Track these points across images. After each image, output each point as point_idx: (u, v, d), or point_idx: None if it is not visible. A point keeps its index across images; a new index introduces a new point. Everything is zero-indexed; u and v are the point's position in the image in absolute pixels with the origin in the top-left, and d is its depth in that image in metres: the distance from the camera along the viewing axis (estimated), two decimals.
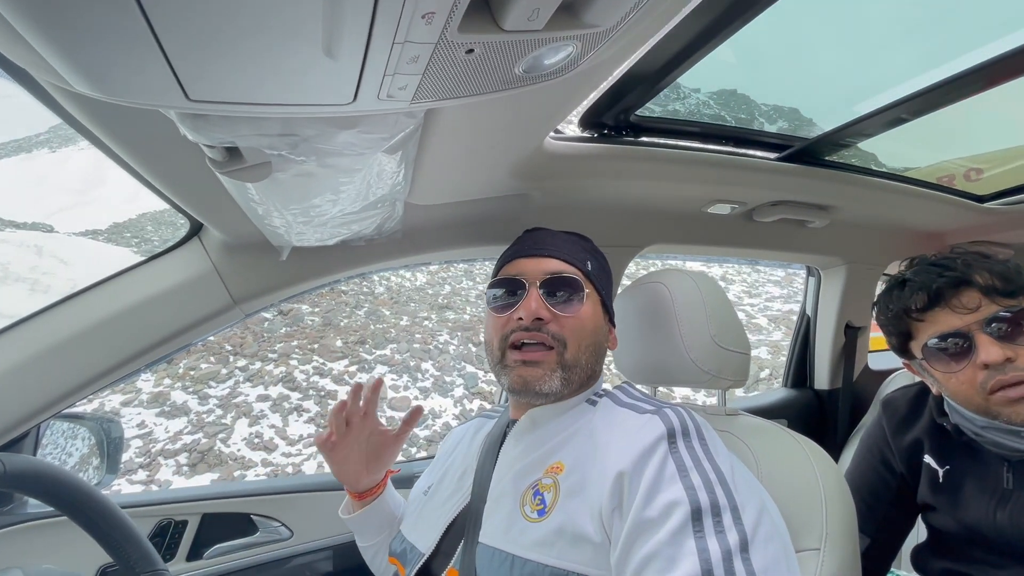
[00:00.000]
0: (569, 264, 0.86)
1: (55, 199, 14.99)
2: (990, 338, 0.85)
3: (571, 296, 0.83)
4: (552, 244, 0.89)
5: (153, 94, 0.38)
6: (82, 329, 0.96)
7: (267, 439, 8.17)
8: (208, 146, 0.54)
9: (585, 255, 0.90)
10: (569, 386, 0.82)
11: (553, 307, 0.82)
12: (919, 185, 1.50)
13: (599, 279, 0.89)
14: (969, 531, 0.96)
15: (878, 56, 1.13)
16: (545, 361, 0.80)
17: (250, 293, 1.05)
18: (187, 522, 1.13)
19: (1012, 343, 0.84)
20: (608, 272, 0.95)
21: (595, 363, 0.86)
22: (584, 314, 0.84)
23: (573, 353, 0.81)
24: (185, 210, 0.91)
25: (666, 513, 0.62)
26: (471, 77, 0.47)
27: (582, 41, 0.47)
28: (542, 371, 0.80)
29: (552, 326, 0.81)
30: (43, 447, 1.10)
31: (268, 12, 0.31)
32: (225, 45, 0.33)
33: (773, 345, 10.84)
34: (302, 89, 0.42)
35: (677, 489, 0.64)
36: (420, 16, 0.35)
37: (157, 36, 0.31)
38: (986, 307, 0.86)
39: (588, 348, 0.84)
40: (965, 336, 0.87)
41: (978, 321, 0.86)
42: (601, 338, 0.87)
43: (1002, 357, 0.83)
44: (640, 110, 1.05)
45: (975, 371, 0.86)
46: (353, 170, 0.67)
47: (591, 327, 0.85)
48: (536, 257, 0.87)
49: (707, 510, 0.62)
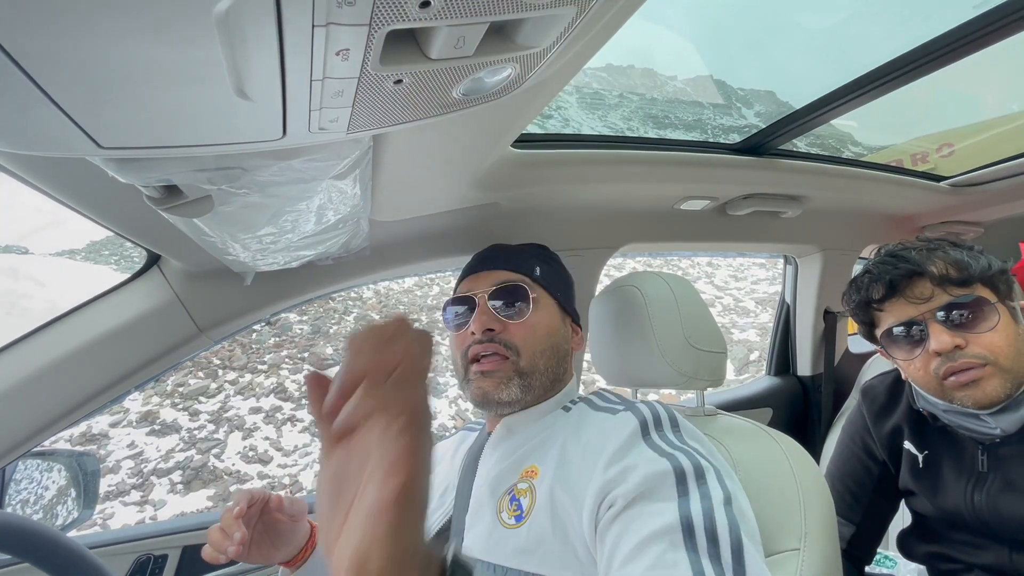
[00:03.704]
0: (515, 273, 0.88)
1: (29, 220, 14.63)
2: (941, 326, 0.87)
3: (518, 304, 0.84)
4: (500, 257, 0.91)
5: (59, 146, 0.36)
6: (43, 367, 0.93)
7: (262, 451, 8.09)
8: (143, 185, 0.52)
9: (534, 261, 0.90)
10: (531, 392, 0.82)
11: (504, 317, 0.83)
12: (886, 170, 1.51)
13: (551, 282, 0.90)
14: (949, 515, 0.97)
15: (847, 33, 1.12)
16: (500, 370, 0.81)
17: (216, 320, 1.02)
18: (167, 556, 1.10)
19: (963, 331, 0.86)
20: (564, 274, 0.95)
21: (556, 366, 0.86)
22: (535, 320, 0.85)
23: (528, 359, 0.82)
24: (138, 243, 0.88)
25: (647, 483, 0.61)
26: (407, 104, 0.45)
27: (520, 62, 0.45)
28: (498, 380, 0.81)
29: (504, 335, 0.83)
30: (17, 483, 1.07)
31: (160, 59, 0.29)
32: (122, 95, 0.31)
33: (761, 327, 10.98)
34: (225, 129, 0.40)
35: (659, 462, 0.63)
36: (334, 53, 0.33)
37: (45, 91, 0.29)
38: (938, 297, 0.88)
39: (544, 352, 0.84)
40: (919, 325, 0.90)
41: (931, 310, 0.88)
42: (559, 340, 0.87)
43: (951, 345, 0.86)
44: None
45: (928, 358, 0.89)
46: (304, 197, 0.65)
47: (544, 332, 0.85)
48: (484, 272, 0.89)
49: (691, 472, 0.62)
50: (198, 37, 0.28)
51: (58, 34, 0.26)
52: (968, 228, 1.82)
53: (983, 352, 0.85)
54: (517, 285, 0.85)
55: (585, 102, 7.27)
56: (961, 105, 1.86)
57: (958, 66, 0.98)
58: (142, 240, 0.85)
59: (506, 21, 0.39)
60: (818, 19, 3.92)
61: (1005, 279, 0.90)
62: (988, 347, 0.85)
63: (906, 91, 1.07)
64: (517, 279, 0.87)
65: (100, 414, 7.63)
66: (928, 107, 1.59)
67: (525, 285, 0.86)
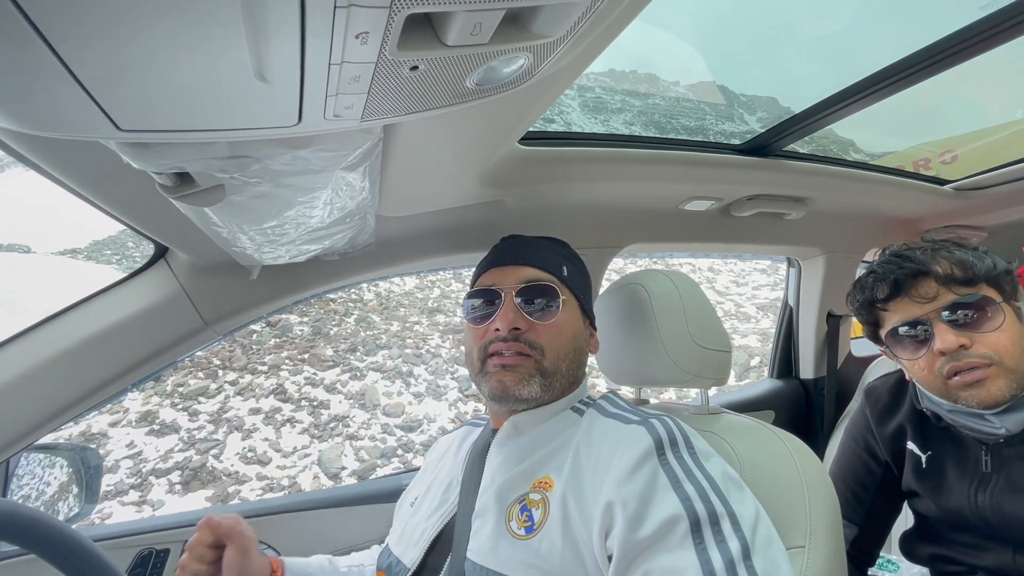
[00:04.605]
0: (544, 271, 0.86)
1: (31, 219, 14.66)
2: (946, 326, 0.87)
3: (547, 304, 0.83)
4: (527, 252, 0.89)
5: (80, 127, 0.36)
6: (49, 358, 0.93)
7: (261, 453, 8.07)
8: (156, 172, 0.52)
9: (561, 260, 0.89)
10: (550, 392, 0.81)
11: (530, 316, 0.81)
12: (890, 173, 1.51)
13: (576, 284, 0.89)
14: (952, 516, 0.97)
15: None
16: (523, 365, 0.80)
17: (222, 314, 1.02)
18: (169, 551, 1.10)
19: (968, 330, 0.87)
20: (586, 276, 0.94)
21: (576, 369, 0.85)
22: (561, 321, 0.83)
23: (552, 360, 0.81)
24: (146, 234, 0.88)
25: (664, 528, 0.61)
26: (421, 92, 0.46)
27: (533, 52, 0.46)
28: (520, 375, 0.79)
29: (529, 335, 0.81)
30: (19, 478, 1.07)
31: (185, 40, 0.30)
32: (144, 74, 0.32)
33: (762, 332, 10.96)
34: (241, 113, 0.40)
35: (673, 502, 0.63)
36: (354, 36, 0.33)
37: (70, 68, 0.30)
38: (943, 296, 0.88)
39: (567, 355, 0.83)
40: (924, 324, 0.90)
41: (936, 309, 0.89)
42: (581, 343, 0.87)
43: (956, 344, 0.86)
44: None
45: (933, 357, 0.89)
46: (314, 188, 0.66)
47: (570, 334, 0.84)
48: (511, 266, 0.87)
49: (705, 520, 0.61)
50: (223, 15, 0.28)
51: (87, 12, 0.26)
52: (971, 232, 1.83)
53: (988, 352, 0.85)
54: (548, 286, 0.84)
55: (588, 106, 7.30)
56: (964, 110, 1.87)
57: (961, 71, 0.98)
58: (151, 232, 0.85)
59: (522, 9, 0.39)
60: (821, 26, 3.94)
61: (1010, 279, 0.90)
62: (993, 347, 0.85)
63: (908, 96, 1.07)
64: (547, 279, 0.85)
65: (101, 410, 7.62)
66: (931, 112, 1.59)
67: (554, 285, 0.84)
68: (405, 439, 8.41)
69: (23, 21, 0.26)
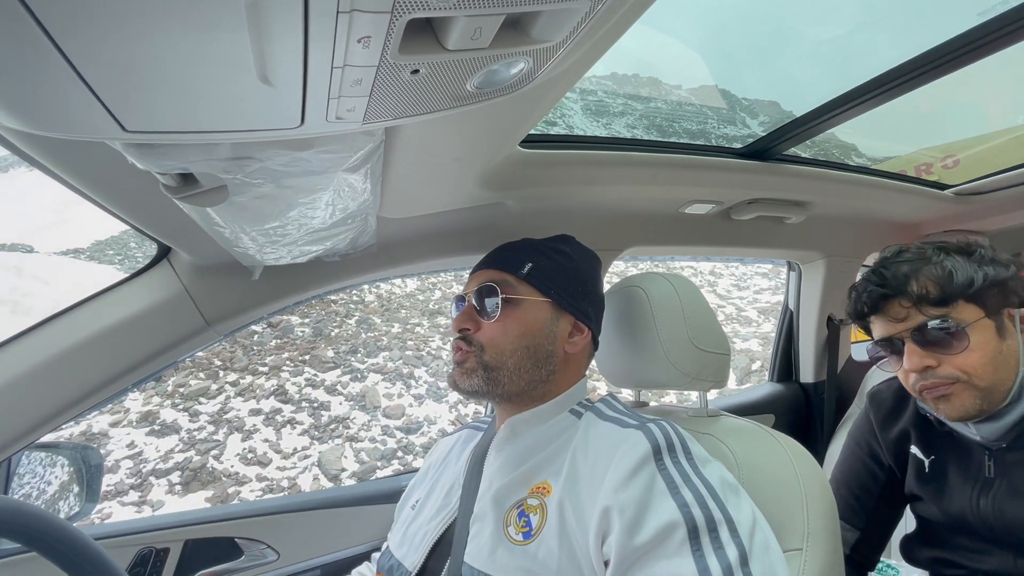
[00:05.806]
0: (499, 271, 0.88)
1: (34, 218, 14.72)
2: (914, 346, 0.89)
3: (491, 303, 0.86)
4: (494, 255, 0.93)
5: (87, 127, 0.37)
6: (51, 357, 0.94)
7: (261, 454, 8.07)
8: (160, 173, 0.53)
9: (526, 258, 0.88)
10: (499, 385, 0.83)
11: (480, 316, 0.86)
12: (891, 177, 1.51)
13: (544, 280, 0.87)
14: (954, 520, 0.97)
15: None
16: (466, 361, 0.84)
17: (223, 314, 1.03)
18: (168, 549, 1.10)
19: (936, 350, 0.87)
20: (569, 271, 0.91)
21: (532, 366, 0.84)
22: (509, 318, 0.84)
23: (493, 356, 0.84)
24: (149, 234, 0.89)
25: (662, 535, 0.62)
26: (422, 96, 0.46)
27: (533, 56, 0.46)
28: (464, 370, 0.84)
29: (474, 334, 0.86)
30: (20, 476, 1.07)
31: (191, 43, 0.30)
32: (151, 76, 0.32)
33: (763, 337, 10.95)
34: (245, 115, 0.41)
35: (670, 508, 0.63)
36: (356, 41, 0.34)
37: (77, 70, 0.30)
38: (913, 317, 0.89)
39: (515, 352, 0.83)
40: (897, 341, 0.92)
41: (907, 329, 0.90)
42: (539, 340, 0.85)
43: (921, 366, 0.87)
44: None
45: (906, 373, 0.92)
46: (315, 190, 0.66)
47: (517, 331, 0.84)
48: (478, 271, 0.92)
49: (703, 527, 0.62)
50: (228, 20, 0.29)
51: (96, 14, 0.27)
52: (971, 237, 1.82)
53: (954, 372, 0.86)
54: (490, 286, 0.86)
55: (590, 110, 7.32)
56: (966, 115, 1.87)
57: (962, 76, 0.99)
58: (154, 231, 0.86)
59: (522, 14, 0.40)
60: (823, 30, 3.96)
61: (997, 291, 0.87)
62: (960, 367, 0.86)
63: (909, 101, 1.08)
64: (498, 279, 0.87)
65: (102, 410, 7.63)
66: (932, 118, 1.59)
67: (500, 285, 0.86)
68: (405, 441, 8.41)
69: (31, 22, 0.27)
